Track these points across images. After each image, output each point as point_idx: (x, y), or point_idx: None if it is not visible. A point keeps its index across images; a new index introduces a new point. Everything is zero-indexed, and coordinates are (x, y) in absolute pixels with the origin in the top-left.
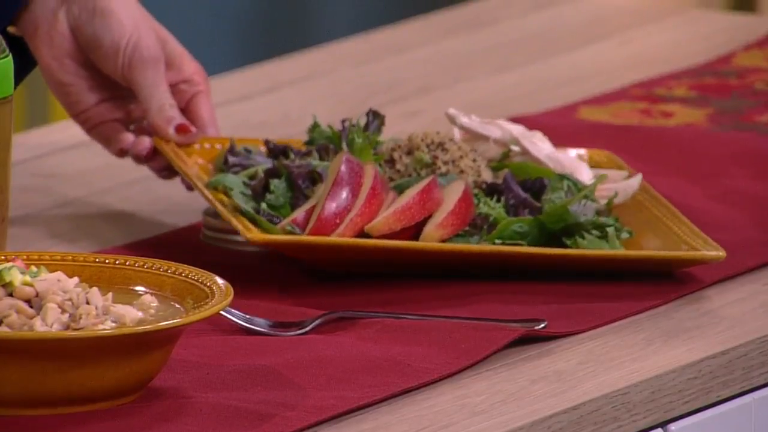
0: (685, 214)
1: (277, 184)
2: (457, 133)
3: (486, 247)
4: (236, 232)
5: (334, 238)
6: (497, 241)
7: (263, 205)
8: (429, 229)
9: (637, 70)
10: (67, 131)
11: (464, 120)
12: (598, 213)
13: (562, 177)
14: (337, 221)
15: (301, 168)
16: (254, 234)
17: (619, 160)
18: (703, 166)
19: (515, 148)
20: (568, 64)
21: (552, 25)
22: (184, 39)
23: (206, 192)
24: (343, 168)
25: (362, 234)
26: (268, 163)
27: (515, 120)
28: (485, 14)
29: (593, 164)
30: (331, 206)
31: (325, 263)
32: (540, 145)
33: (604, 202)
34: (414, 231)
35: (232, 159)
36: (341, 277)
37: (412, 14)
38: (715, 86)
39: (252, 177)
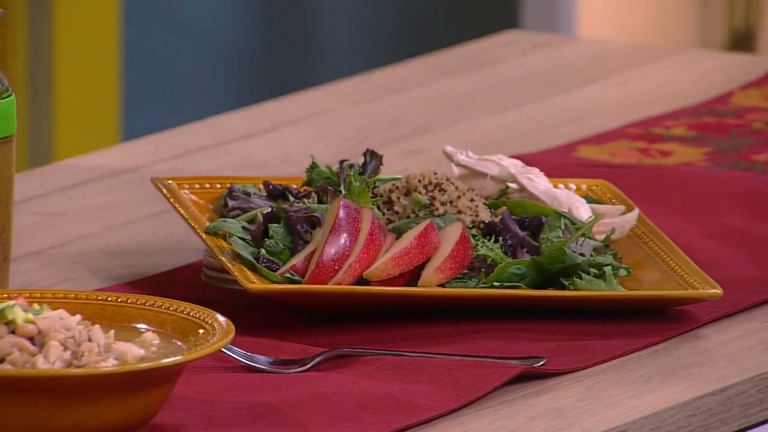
0: (684, 252)
1: (276, 229)
2: (455, 171)
3: (484, 291)
4: None
5: (333, 287)
6: (495, 283)
7: (262, 251)
8: (427, 274)
9: (635, 110)
10: (69, 170)
11: (461, 157)
12: (596, 250)
13: (560, 215)
14: (336, 267)
15: (299, 212)
16: (254, 285)
17: (616, 190)
18: (702, 204)
19: (513, 185)
20: (567, 103)
21: (550, 66)
22: (186, 78)
23: (206, 238)
24: (341, 213)
25: (361, 279)
26: (267, 207)
27: (514, 158)
28: (484, 54)
29: (591, 195)
30: (330, 252)
31: (326, 309)
32: (537, 182)
33: (601, 237)
34: (412, 274)
35: (231, 203)
36: (342, 314)
37: (411, 54)
38: (714, 125)
39: (251, 221)
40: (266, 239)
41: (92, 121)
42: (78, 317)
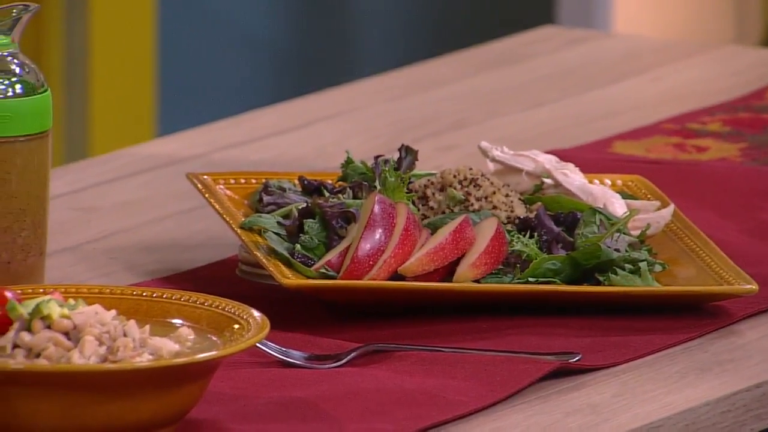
0: (719, 248)
1: (311, 225)
2: (490, 166)
3: (519, 286)
4: None
5: (368, 282)
6: (531, 279)
7: (297, 247)
8: (462, 269)
9: (670, 106)
10: (105, 165)
11: (497, 153)
12: (631, 246)
13: (595, 210)
14: (371, 263)
15: (334, 208)
16: (289, 280)
17: (652, 185)
18: (737, 200)
19: (548, 181)
20: (602, 99)
21: (586, 61)
22: (222, 74)
23: (241, 234)
24: (376, 209)
25: (396, 275)
26: (302, 202)
27: (549, 154)
28: (520, 50)
29: (626, 190)
30: (365, 248)
31: (361, 304)
32: (572, 177)
33: (636, 233)
34: (447, 269)
35: (266, 198)
36: (376, 310)
37: (447, 50)
38: (749, 121)
39: (286, 216)
40: (301, 234)
41: (128, 117)
42: (113, 312)
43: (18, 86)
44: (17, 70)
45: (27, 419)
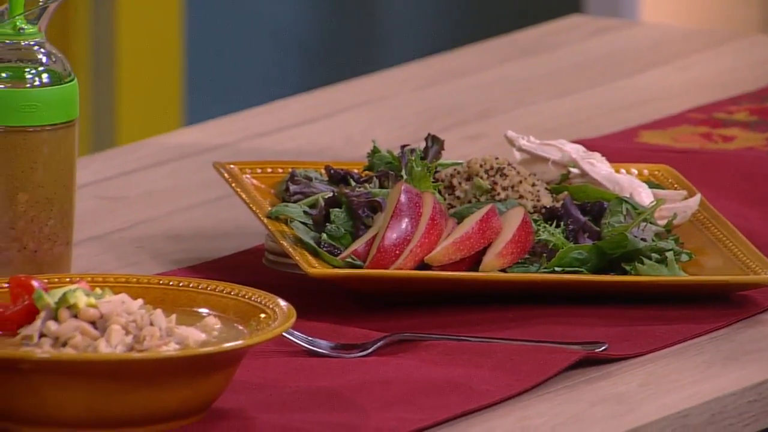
0: (745, 237)
1: (338, 214)
2: (516, 156)
3: (546, 276)
4: None
5: (394, 272)
6: (557, 268)
7: (324, 236)
8: (489, 258)
9: (696, 95)
10: (131, 154)
11: (523, 142)
12: (658, 235)
13: (621, 200)
14: (398, 252)
15: (361, 197)
16: (315, 269)
17: (678, 175)
18: (764, 189)
19: (574, 170)
20: (629, 88)
21: (612, 50)
22: (249, 63)
23: (267, 223)
24: (402, 198)
25: (422, 264)
26: (328, 191)
27: (576, 143)
28: (546, 39)
29: (653, 180)
30: (391, 237)
31: (387, 294)
32: (599, 167)
33: (663, 223)
34: (474, 259)
35: (293, 187)
36: (403, 299)
37: (473, 39)
38: None
39: (313, 206)
40: (327, 224)
41: (155, 106)
42: (140, 301)
43: (45, 76)
44: (44, 59)
45: (54, 408)
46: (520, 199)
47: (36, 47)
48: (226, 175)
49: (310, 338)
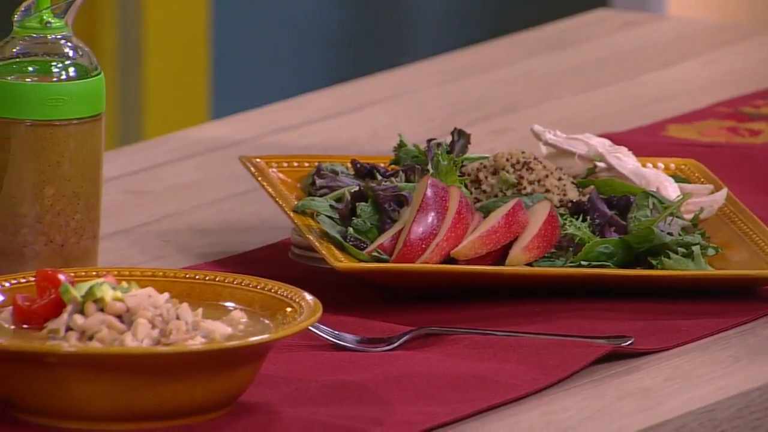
0: None
1: (364, 208)
2: (543, 150)
3: (572, 270)
4: None
5: (420, 266)
6: (583, 262)
7: (350, 230)
8: (515, 252)
9: (723, 89)
10: (158, 148)
11: (549, 136)
12: (684, 229)
13: (648, 194)
14: (424, 246)
15: (387, 191)
16: (341, 263)
17: (705, 169)
18: None
19: (600, 164)
20: (655, 82)
21: (639, 44)
22: (275, 57)
23: (293, 217)
24: (428, 192)
25: (448, 258)
26: (354, 185)
27: (602, 137)
28: (572, 33)
29: (679, 174)
30: (418, 231)
31: (413, 288)
32: (625, 161)
33: (689, 217)
34: (500, 253)
35: (319, 181)
36: (429, 293)
37: (499, 33)
38: None
39: (339, 199)
40: (354, 218)
41: (181, 99)
42: (166, 295)
43: (71, 69)
44: (71, 53)
45: (80, 402)
46: (546, 193)
47: (63, 41)
48: (252, 169)
49: (336, 332)
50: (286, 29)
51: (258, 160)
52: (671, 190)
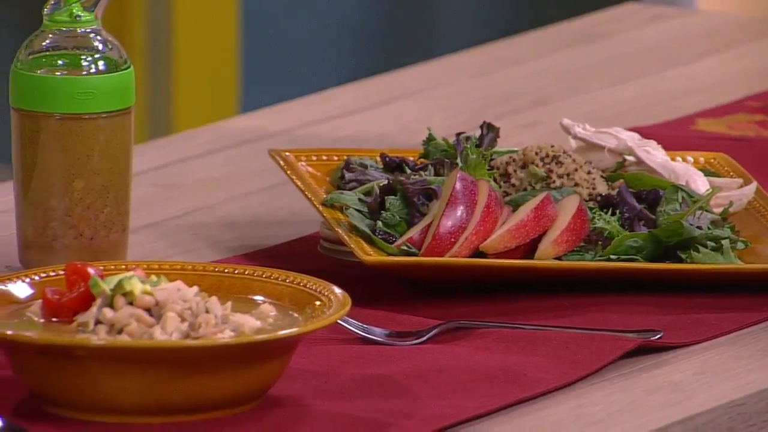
0: None
1: (393, 201)
2: (572, 143)
3: (601, 264)
4: None
5: (449, 259)
6: (612, 256)
7: (379, 224)
8: (544, 246)
9: (753, 83)
10: (187, 142)
11: (578, 130)
12: (713, 223)
13: (677, 188)
14: (453, 240)
15: (416, 185)
16: (370, 257)
17: (734, 163)
18: None
19: (630, 158)
20: (684, 76)
21: (668, 38)
22: (305, 50)
23: (322, 210)
24: (457, 186)
25: (477, 252)
26: (383, 179)
27: (631, 131)
28: (602, 27)
29: (709, 168)
30: (447, 225)
31: (442, 281)
32: (654, 155)
33: (718, 211)
34: (529, 247)
35: (348, 175)
36: (457, 287)
37: (528, 27)
38: None
39: (368, 193)
40: (383, 211)
41: (211, 93)
42: (195, 289)
43: (101, 63)
44: (100, 46)
45: (110, 395)
46: (575, 187)
47: (92, 35)
48: (281, 162)
49: (365, 326)
50: (315, 23)
51: (287, 153)
52: (700, 184)
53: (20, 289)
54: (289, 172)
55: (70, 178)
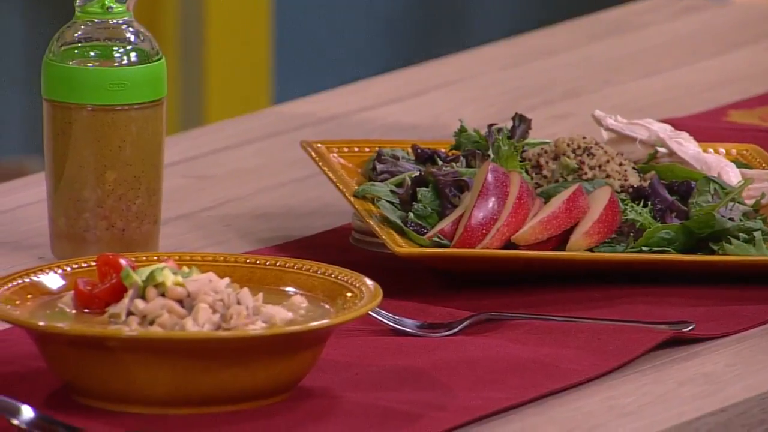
0: None
1: (425, 193)
2: (604, 135)
3: (633, 255)
4: None
5: (481, 251)
6: (644, 248)
7: (410, 215)
8: (576, 238)
9: None
10: (219, 133)
11: (610, 121)
12: (745, 215)
13: (709, 179)
14: (484, 231)
15: (447, 176)
16: (402, 248)
17: (766, 154)
18: None
19: (662, 150)
20: (716, 67)
21: (699, 29)
22: (337, 42)
23: (354, 202)
24: (489, 177)
25: (509, 243)
26: (415, 170)
27: (663, 122)
28: (633, 18)
29: (741, 159)
30: (478, 216)
31: (473, 273)
32: (686, 146)
33: (751, 202)
34: (561, 238)
35: (380, 167)
36: (489, 279)
37: (560, 18)
38: None
39: (399, 185)
40: (414, 203)
41: (243, 84)
42: (227, 280)
43: (133, 54)
44: (132, 38)
45: (142, 386)
46: (607, 179)
47: (124, 26)
48: (313, 153)
49: (396, 317)
50: (348, 14)
51: (319, 145)
52: (732, 176)
53: (52, 280)
54: (320, 163)
55: (102, 170)
